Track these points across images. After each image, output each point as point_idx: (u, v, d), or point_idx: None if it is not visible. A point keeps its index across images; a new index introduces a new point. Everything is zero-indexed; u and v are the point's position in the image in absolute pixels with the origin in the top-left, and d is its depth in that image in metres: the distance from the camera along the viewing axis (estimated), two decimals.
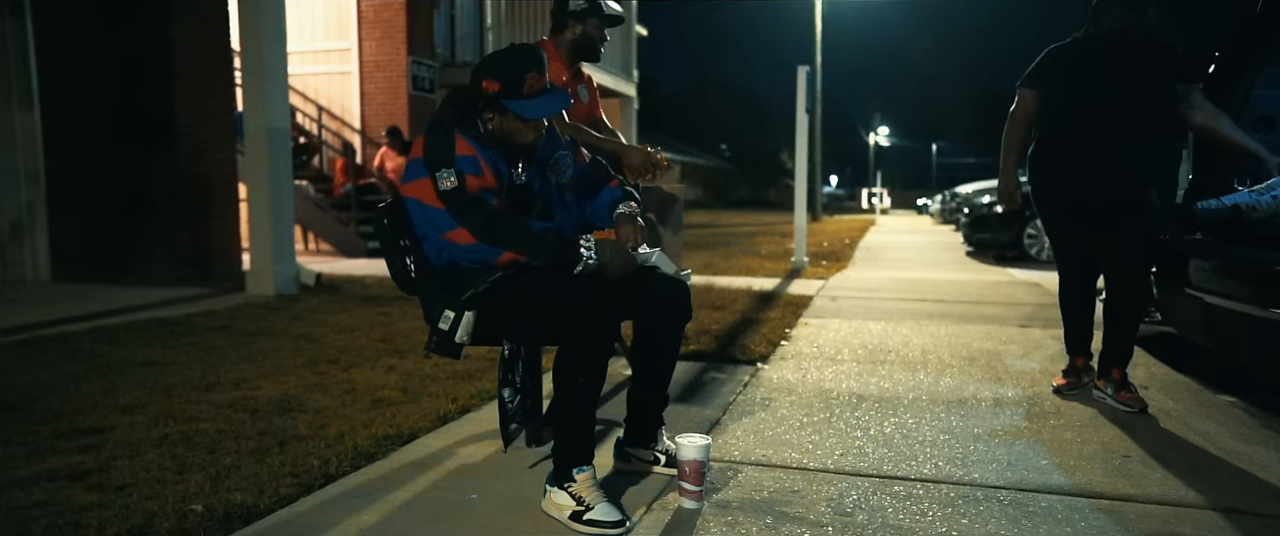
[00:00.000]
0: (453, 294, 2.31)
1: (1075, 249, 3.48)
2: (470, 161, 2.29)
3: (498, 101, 2.31)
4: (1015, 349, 4.63)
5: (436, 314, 2.33)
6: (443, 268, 2.38)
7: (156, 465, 2.60)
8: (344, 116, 11.92)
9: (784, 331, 5.10)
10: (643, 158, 3.36)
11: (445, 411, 3.27)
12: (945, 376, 3.96)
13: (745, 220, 25.96)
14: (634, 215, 2.50)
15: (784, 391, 3.67)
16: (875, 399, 3.54)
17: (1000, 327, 5.37)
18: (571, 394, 2.26)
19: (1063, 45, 3.43)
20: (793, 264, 9.66)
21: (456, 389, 3.58)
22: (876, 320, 5.68)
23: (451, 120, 2.36)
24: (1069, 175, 3.36)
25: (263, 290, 6.36)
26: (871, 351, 4.58)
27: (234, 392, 3.53)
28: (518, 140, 2.37)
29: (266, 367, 4.00)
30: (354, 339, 4.74)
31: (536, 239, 2.27)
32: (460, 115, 2.37)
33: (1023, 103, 3.49)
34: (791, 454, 2.80)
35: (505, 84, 2.30)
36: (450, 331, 2.31)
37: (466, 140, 2.31)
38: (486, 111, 2.34)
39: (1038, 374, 3.99)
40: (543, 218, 2.39)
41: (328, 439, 2.89)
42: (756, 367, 4.12)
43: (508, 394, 2.48)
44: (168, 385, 3.61)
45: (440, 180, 2.26)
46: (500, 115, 2.34)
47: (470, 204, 2.25)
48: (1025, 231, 10.41)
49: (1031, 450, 2.84)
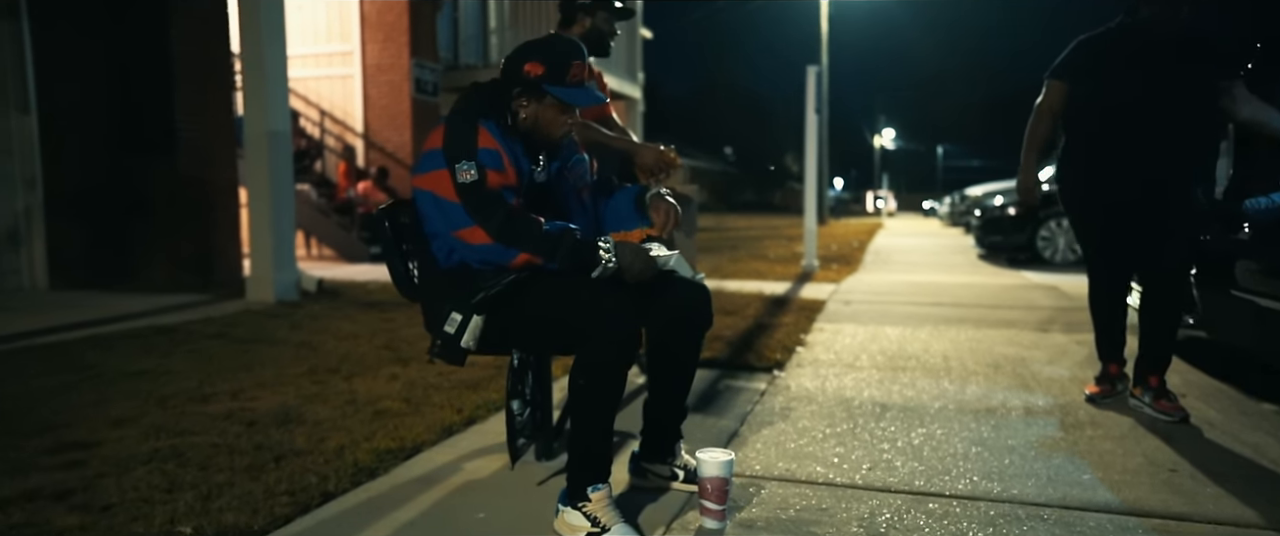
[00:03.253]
0: (461, 296, 2.16)
1: (1108, 250, 3.32)
2: (493, 156, 2.15)
3: (540, 86, 2.19)
4: (1040, 354, 4.47)
5: (442, 317, 2.19)
6: (450, 268, 2.23)
7: (145, 483, 2.45)
8: (346, 120, 11.80)
9: (799, 337, 4.95)
10: (656, 157, 3.22)
11: (450, 423, 3.13)
12: (971, 384, 3.81)
13: (751, 223, 25.80)
14: (666, 195, 2.37)
15: (804, 400, 3.51)
16: (900, 408, 3.38)
17: (1022, 332, 5.20)
18: (587, 406, 2.11)
19: (1095, 36, 3.27)
20: (803, 267, 9.51)
21: (461, 398, 3.43)
22: (893, 325, 5.52)
23: (476, 110, 2.22)
24: (1103, 172, 3.20)
25: (263, 296, 6.22)
26: (891, 357, 4.42)
27: (230, 403, 3.39)
28: (549, 132, 2.25)
29: (265, 377, 3.86)
30: (355, 346, 4.59)
31: (553, 240, 2.12)
32: (486, 105, 2.23)
33: (1050, 95, 3.33)
34: (816, 468, 2.64)
35: (551, 69, 2.18)
36: (456, 335, 2.17)
37: (490, 132, 2.17)
38: (522, 98, 2.21)
39: (1067, 381, 3.83)
40: (559, 220, 2.25)
41: (327, 453, 2.74)
42: (773, 375, 3.97)
43: (516, 406, 2.33)
44: (162, 396, 3.47)
45: (459, 172, 2.11)
46: (537, 103, 2.21)
47: (489, 200, 2.11)
48: (1038, 233, 10.24)
49: (1071, 463, 2.68)
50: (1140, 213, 3.14)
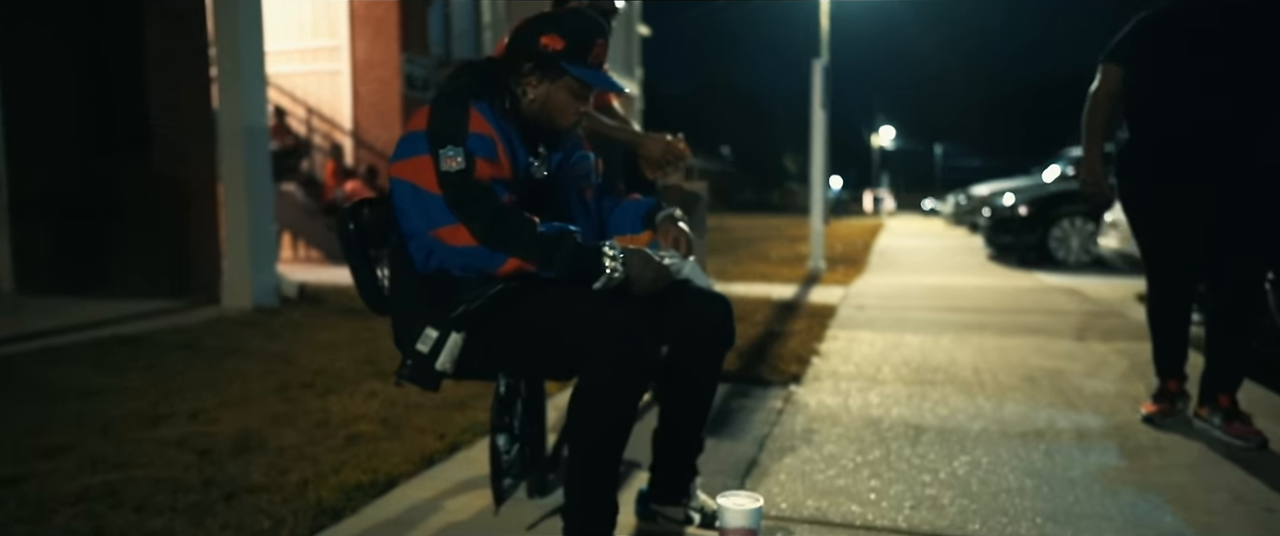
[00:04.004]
0: (438, 308, 1.80)
1: (1173, 251, 2.96)
2: (484, 142, 1.80)
3: (557, 62, 1.85)
4: (1077, 366, 4.11)
5: (414, 333, 1.83)
6: (428, 275, 1.87)
7: (65, 529, 2.09)
8: (334, 117, 11.42)
9: (813, 346, 4.58)
10: (663, 148, 2.86)
11: (432, 450, 2.77)
12: (1009, 400, 3.45)
13: (751, 223, 25.43)
14: (680, 220, 2.03)
15: (827, 420, 3.16)
16: (935, 430, 3.02)
17: (1052, 340, 4.85)
18: (590, 443, 1.76)
19: (1153, 13, 2.92)
20: (809, 269, 9.16)
21: (445, 421, 3.07)
22: (912, 332, 5.16)
23: (468, 89, 1.87)
24: (1171, 164, 2.84)
25: (239, 302, 5.84)
26: (916, 370, 4.06)
27: (186, 427, 3.02)
28: (557, 119, 1.91)
29: (230, 395, 3.49)
30: (334, 358, 4.23)
31: (550, 244, 1.77)
32: (481, 84, 1.89)
33: (1107, 79, 2.97)
34: (852, 506, 2.28)
35: (572, 44, 1.85)
36: (431, 355, 1.82)
37: (484, 116, 1.83)
38: (532, 75, 1.87)
39: (1115, 397, 3.47)
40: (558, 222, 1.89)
41: (287, 490, 2.38)
42: (789, 390, 3.61)
43: (503, 442, 1.97)
44: (108, 419, 3.09)
45: (444, 159, 1.77)
46: (549, 83, 1.87)
47: (475, 194, 1.77)
48: (1051, 233, 9.89)
49: (1145, 500, 2.32)
50: (1213, 210, 2.78)
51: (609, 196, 2.20)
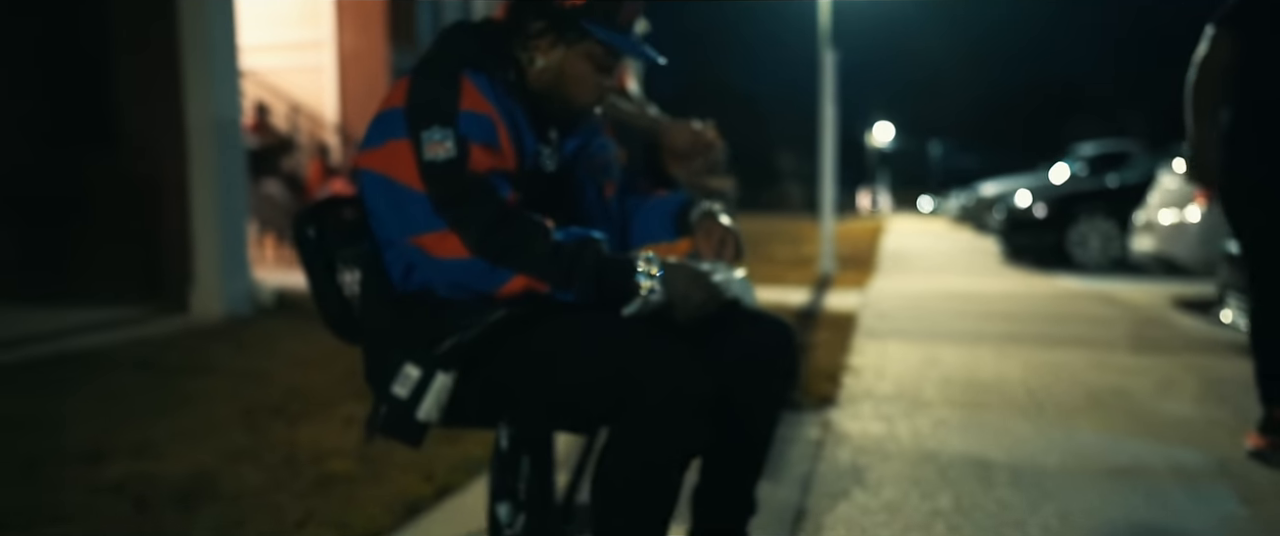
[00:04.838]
0: (421, 340, 1.36)
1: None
2: (482, 123, 1.38)
3: (576, 22, 1.41)
4: (1144, 384, 3.67)
5: (389, 370, 1.39)
6: (407, 295, 1.43)
7: None
8: (319, 114, 10.95)
9: (842, 361, 4.15)
10: (690, 138, 2.41)
11: (416, 495, 2.34)
12: (1079, 428, 3.02)
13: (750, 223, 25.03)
14: (721, 215, 1.58)
15: (876, 454, 2.72)
16: (1005, 467, 2.58)
17: (1104, 353, 4.41)
18: (627, 519, 1.33)
19: None
20: (819, 272, 8.75)
21: (432, 457, 2.61)
22: (946, 343, 4.73)
23: (461, 55, 1.44)
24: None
25: (209, 311, 5.36)
26: (962, 388, 3.63)
27: (128, 466, 2.56)
28: (573, 95, 1.48)
29: (186, 423, 3.03)
30: (308, 377, 3.77)
31: (568, 256, 1.34)
32: (477, 50, 1.45)
33: (1217, 48, 2.54)
34: None
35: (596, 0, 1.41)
36: (411, 401, 1.37)
37: (480, 89, 1.40)
38: (544, 38, 1.44)
39: (1203, 424, 3.04)
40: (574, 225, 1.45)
41: None
42: (825, 416, 3.17)
43: (505, 513, 1.52)
44: (35, 456, 2.63)
45: (427, 145, 1.35)
46: (565, 48, 1.44)
47: (470, 190, 1.35)
48: (1069, 234, 9.48)
49: None
50: None
51: (631, 195, 1.76)
